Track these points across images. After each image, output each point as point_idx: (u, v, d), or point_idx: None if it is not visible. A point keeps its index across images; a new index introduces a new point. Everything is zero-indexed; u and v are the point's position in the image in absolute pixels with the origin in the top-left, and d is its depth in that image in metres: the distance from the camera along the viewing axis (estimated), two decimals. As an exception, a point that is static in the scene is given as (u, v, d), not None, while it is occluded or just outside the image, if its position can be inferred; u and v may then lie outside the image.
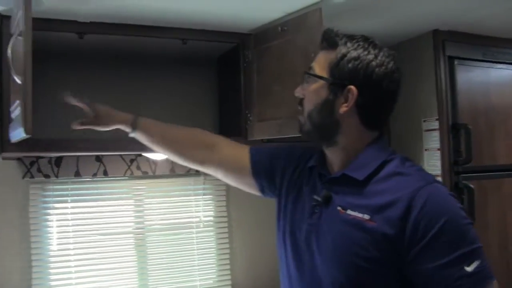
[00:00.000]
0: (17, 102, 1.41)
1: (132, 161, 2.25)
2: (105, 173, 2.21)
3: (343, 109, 1.18)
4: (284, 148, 1.50)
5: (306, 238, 1.23)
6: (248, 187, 1.53)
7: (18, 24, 1.40)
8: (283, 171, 1.42)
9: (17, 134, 1.45)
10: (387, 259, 1.08)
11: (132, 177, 2.28)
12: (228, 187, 2.47)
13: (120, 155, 2.22)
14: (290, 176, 1.39)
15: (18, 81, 1.33)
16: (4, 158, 1.90)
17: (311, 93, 1.23)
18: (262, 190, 1.50)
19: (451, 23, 2.14)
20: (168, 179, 2.37)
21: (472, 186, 2.16)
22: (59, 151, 1.86)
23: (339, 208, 1.17)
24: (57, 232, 2.16)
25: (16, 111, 1.46)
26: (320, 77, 1.21)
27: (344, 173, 1.20)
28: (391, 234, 1.06)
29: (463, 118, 2.19)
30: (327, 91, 1.20)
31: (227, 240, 2.47)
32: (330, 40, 1.23)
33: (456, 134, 2.18)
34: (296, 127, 1.47)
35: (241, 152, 1.51)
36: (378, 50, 1.19)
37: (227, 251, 2.47)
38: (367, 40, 1.21)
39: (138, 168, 2.27)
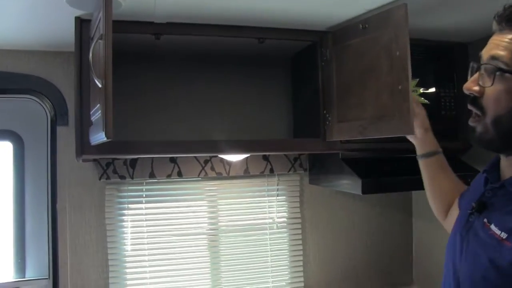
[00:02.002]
0: (98, 105, 1.33)
1: (206, 162, 2.16)
2: (180, 174, 2.13)
3: None
4: None
5: (457, 247, 1.09)
6: None
7: (98, 27, 1.32)
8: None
9: (98, 137, 1.38)
10: None
11: (206, 178, 2.19)
12: (302, 188, 2.34)
13: (195, 156, 2.13)
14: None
15: (99, 84, 1.25)
16: (84, 160, 1.85)
17: (504, 93, 0.95)
18: None
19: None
20: (242, 179, 2.26)
21: None
22: (138, 153, 1.78)
23: (485, 220, 1.01)
24: (132, 233, 2.11)
25: (97, 114, 1.38)
26: None
27: (504, 183, 1.02)
28: None
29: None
30: None
31: (300, 242, 2.34)
32: None
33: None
34: (392, 129, 1.33)
35: (455, 191, 1.38)
36: None
37: (300, 252, 2.34)
38: None
39: (212, 169, 2.17)
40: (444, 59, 2.07)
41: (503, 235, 0.93)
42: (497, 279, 0.93)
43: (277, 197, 2.31)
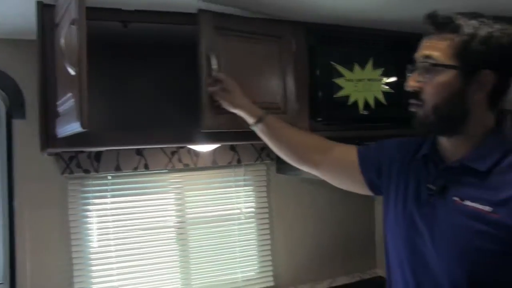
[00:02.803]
0: (69, 94, 1.24)
1: (173, 153, 2.09)
2: (146, 167, 2.04)
3: (477, 96, 1.05)
4: (390, 141, 1.39)
5: (420, 230, 1.12)
6: (358, 185, 1.42)
7: (69, 11, 1.22)
8: (390, 163, 1.31)
9: (68, 128, 1.29)
10: (509, 252, 0.99)
11: (173, 170, 2.11)
12: (268, 178, 2.32)
13: (161, 148, 2.05)
14: (398, 167, 1.28)
15: (72, 72, 1.16)
16: (49, 154, 1.73)
17: (439, 85, 1.07)
18: (371, 186, 1.38)
19: (495, 11, 1.93)
20: (209, 171, 2.20)
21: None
22: (110, 145, 1.69)
23: (455, 198, 1.07)
24: (97, 229, 2.01)
25: (67, 104, 1.29)
26: (450, 66, 1.05)
27: (463, 163, 1.08)
28: None
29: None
30: (458, 81, 1.05)
31: (268, 231, 2.32)
32: (446, 23, 1.07)
33: None
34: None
35: (350, 152, 1.44)
36: (500, 25, 1.05)
37: (268, 241, 2.32)
38: (482, 15, 1.07)
39: (180, 160, 2.10)
40: (406, 49, 2.09)
41: (488, 208, 1.00)
42: (484, 242, 1.00)
43: (245, 187, 2.28)
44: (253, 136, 1.80)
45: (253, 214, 2.29)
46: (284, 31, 1.89)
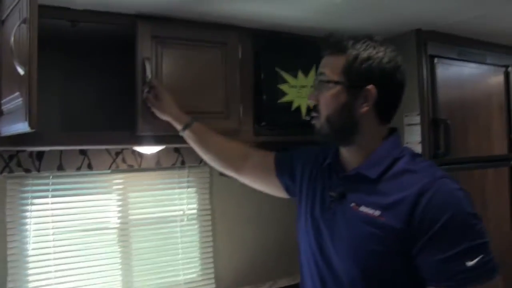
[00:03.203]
0: (17, 93, 1.21)
1: (117, 154, 2.06)
2: (90, 167, 2.01)
3: (363, 109, 1.18)
4: (304, 149, 1.52)
5: (323, 232, 1.25)
6: (275, 188, 1.58)
7: (20, 10, 1.20)
8: (302, 169, 1.44)
9: (14, 128, 1.26)
10: (396, 252, 1.10)
11: (117, 170, 2.09)
12: (211, 180, 2.34)
13: (106, 148, 2.03)
14: (309, 174, 1.40)
15: (22, 71, 1.14)
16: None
17: (329, 98, 1.21)
18: (287, 189, 1.52)
19: (431, 24, 2.10)
20: (153, 172, 2.19)
21: (449, 178, 2.14)
22: (55, 145, 1.68)
23: (352, 204, 1.19)
24: (36, 230, 1.94)
25: (13, 103, 1.26)
26: (338, 82, 1.19)
27: (358, 171, 1.20)
28: (399, 228, 1.08)
29: (441, 114, 2.16)
30: (345, 95, 1.19)
31: (210, 233, 2.33)
32: (336, 45, 1.22)
33: (436, 128, 2.15)
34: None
35: (268, 157, 1.59)
36: (384, 47, 1.20)
37: (211, 243, 2.33)
38: (372, 39, 1.21)
39: (124, 161, 2.08)
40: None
41: (377, 213, 1.13)
42: (373, 244, 1.12)
43: (188, 189, 2.28)
44: None
45: (195, 216, 2.30)
46: (230, 38, 1.94)
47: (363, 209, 1.15)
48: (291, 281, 2.47)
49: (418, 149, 2.14)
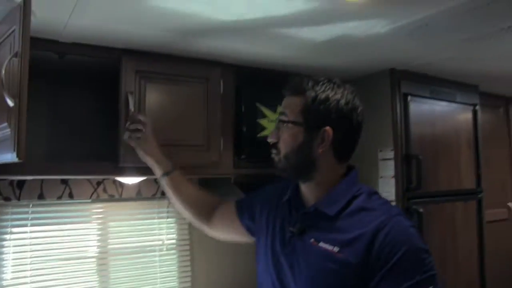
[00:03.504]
0: (4, 124, 1.24)
1: (98, 184, 2.08)
2: (71, 196, 2.02)
3: (320, 149, 1.23)
4: (263, 189, 1.55)
5: (284, 267, 1.27)
6: (240, 234, 1.58)
7: (11, 42, 1.24)
8: (261, 207, 1.46)
9: (1, 157, 1.28)
10: (349, 286, 1.14)
11: (97, 200, 2.10)
12: (191, 210, 2.35)
13: (87, 178, 2.04)
14: (268, 210, 1.42)
15: (11, 103, 1.17)
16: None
17: (288, 137, 1.25)
18: (248, 230, 1.54)
19: (405, 64, 2.21)
20: (134, 202, 2.20)
21: (421, 210, 2.22)
22: (37, 174, 1.71)
23: (312, 240, 1.22)
24: (14, 259, 1.92)
25: (1, 132, 1.28)
26: (296, 123, 1.24)
27: (317, 208, 1.24)
28: (358, 263, 1.12)
29: (414, 149, 2.25)
30: (303, 135, 1.23)
31: (189, 263, 2.34)
32: (296, 86, 1.27)
33: (408, 163, 2.24)
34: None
35: (230, 205, 1.61)
36: (342, 89, 1.25)
37: (189, 273, 2.33)
38: (330, 81, 1.26)
39: (105, 191, 2.10)
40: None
41: (336, 249, 1.16)
42: (331, 279, 1.16)
43: (167, 219, 2.30)
44: None
45: (174, 245, 2.31)
46: (212, 73, 2.01)
47: (322, 245, 1.19)
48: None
49: (391, 183, 2.22)
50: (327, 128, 1.21)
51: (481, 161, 2.62)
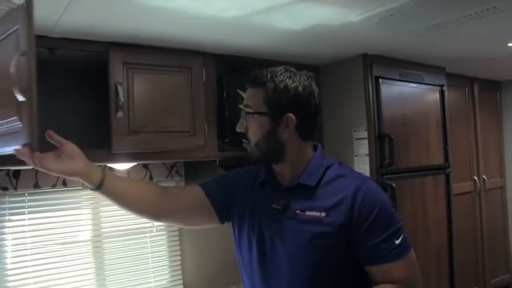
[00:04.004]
0: (14, 118, 1.34)
1: (90, 171, 2.19)
2: (64, 183, 2.13)
3: (285, 134, 1.33)
4: (230, 174, 1.57)
5: (271, 242, 1.36)
6: (208, 219, 1.52)
7: (16, 39, 1.34)
8: (236, 192, 1.49)
9: (8, 149, 1.38)
10: (342, 243, 1.29)
11: (90, 186, 2.22)
12: (179, 193, 2.49)
13: (79, 165, 2.15)
14: (242, 194, 1.48)
15: (21, 98, 1.28)
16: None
17: (255, 127, 1.34)
18: (220, 217, 1.51)
19: (376, 49, 2.38)
20: (124, 187, 2.33)
21: (394, 185, 2.41)
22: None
23: (298, 211, 1.33)
24: (13, 245, 2.03)
25: (6, 126, 1.38)
26: (261, 113, 1.33)
27: (299, 182, 1.36)
28: (344, 223, 1.28)
29: (386, 129, 2.43)
30: (268, 123, 1.33)
31: (178, 243, 2.49)
32: (256, 79, 1.35)
33: (381, 142, 2.42)
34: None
35: (194, 190, 1.51)
36: (299, 76, 1.34)
37: (178, 252, 2.49)
38: (288, 70, 1.35)
39: (96, 177, 2.21)
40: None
41: (323, 214, 1.29)
42: (323, 240, 1.28)
43: (156, 202, 2.42)
44: (163, 156, 2.03)
45: (164, 227, 2.45)
46: (195, 63, 2.13)
47: (309, 213, 1.31)
48: (253, 286, 2.65)
49: (366, 160, 2.40)
50: (290, 114, 1.31)
51: (448, 138, 2.83)
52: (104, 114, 1.92)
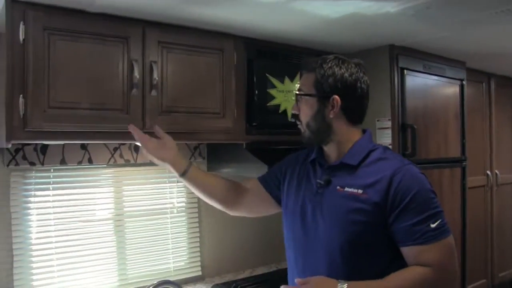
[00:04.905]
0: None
1: (115, 149, 2.20)
2: (90, 161, 2.13)
3: (331, 115, 1.46)
4: (287, 157, 1.75)
5: (313, 212, 1.49)
6: (270, 206, 1.76)
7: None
8: (285, 172, 1.68)
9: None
10: (375, 220, 1.37)
11: (114, 164, 2.22)
12: (200, 176, 2.50)
13: (105, 143, 2.16)
14: (291, 173, 1.65)
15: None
16: (13, 144, 1.78)
17: (305, 108, 1.51)
18: (278, 200, 1.72)
19: (403, 41, 2.39)
20: (147, 167, 2.33)
21: (414, 176, 2.43)
22: (65, 139, 1.81)
23: (338, 187, 1.45)
24: (38, 220, 2.04)
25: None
26: (310, 95, 1.49)
27: (342, 161, 1.48)
28: (379, 201, 1.36)
29: (409, 119, 2.45)
30: (317, 104, 1.48)
31: (197, 225, 2.51)
32: (308, 66, 1.52)
33: (404, 132, 2.43)
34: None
35: (254, 183, 1.78)
36: (347, 64, 1.48)
37: (197, 234, 2.51)
38: (336, 58, 1.49)
39: (121, 156, 2.21)
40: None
41: (360, 191, 1.39)
42: (357, 216, 1.38)
43: (177, 183, 2.43)
44: (191, 136, 2.06)
45: (184, 208, 2.47)
46: (226, 45, 2.13)
47: (347, 189, 1.42)
48: (268, 269, 2.68)
49: (388, 150, 2.41)
50: (335, 96, 1.44)
51: (466, 132, 2.85)
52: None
